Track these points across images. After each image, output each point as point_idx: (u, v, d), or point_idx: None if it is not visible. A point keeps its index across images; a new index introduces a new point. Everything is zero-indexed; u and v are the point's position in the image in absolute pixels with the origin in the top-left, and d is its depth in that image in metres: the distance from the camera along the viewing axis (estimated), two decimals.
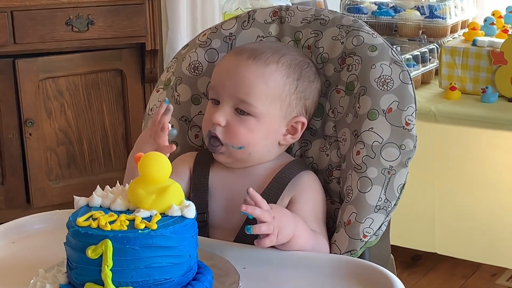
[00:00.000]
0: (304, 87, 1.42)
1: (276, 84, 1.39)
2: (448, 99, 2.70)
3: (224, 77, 1.40)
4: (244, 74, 1.38)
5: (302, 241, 1.31)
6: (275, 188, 1.39)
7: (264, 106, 1.38)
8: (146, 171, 1.14)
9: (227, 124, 1.38)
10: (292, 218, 1.31)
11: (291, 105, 1.41)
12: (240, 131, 1.38)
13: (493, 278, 2.77)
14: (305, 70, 1.42)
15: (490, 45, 2.69)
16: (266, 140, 1.40)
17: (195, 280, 1.15)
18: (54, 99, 2.98)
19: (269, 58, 1.39)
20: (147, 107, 1.57)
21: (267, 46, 1.43)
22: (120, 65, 3.06)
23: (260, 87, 1.38)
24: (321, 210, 1.42)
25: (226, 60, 1.43)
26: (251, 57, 1.39)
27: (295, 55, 1.43)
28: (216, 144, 1.39)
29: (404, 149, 1.39)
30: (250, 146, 1.39)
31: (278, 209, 1.30)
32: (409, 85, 1.41)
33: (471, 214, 2.64)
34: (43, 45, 2.90)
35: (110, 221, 1.11)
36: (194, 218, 1.15)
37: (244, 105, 1.38)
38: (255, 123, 1.38)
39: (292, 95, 1.40)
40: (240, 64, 1.39)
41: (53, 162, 3.03)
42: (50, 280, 1.15)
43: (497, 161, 2.57)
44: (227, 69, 1.40)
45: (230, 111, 1.39)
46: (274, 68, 1.39)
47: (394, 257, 1.57)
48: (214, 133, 1.39)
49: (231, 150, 1.39)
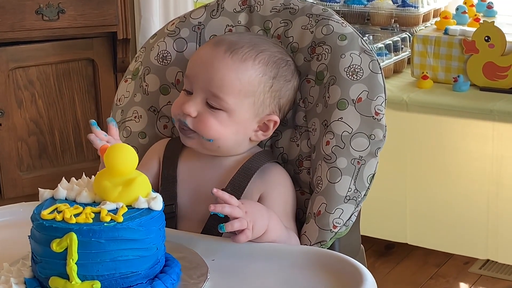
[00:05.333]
0: (279, 86, 1.40)
1: (251, 81, 1.37)
2: (420, 88, 2.71)
3: (199, 68, 1.38)
4: (219, 68, 1.36)
5: (276, 234, 1.30)
6: (241, 178, 1.38)
7: (236, 102, 1.36)
8: (112, 163, 1.13)
9: (198, 115, 1.37)
10: (265, 211, 1.30)
11: (264, 103, 1.39)
12: (210, 124, 1.36)
13: (466, 266, 2.78)
14: (282, 69, 1.40)
15: (462, 34, 2.70)
16: (236, 135, 1.39)
17: (163, 273, 1.14)
18: (24, 89, 2.95)
19: (246, 54, 1.37)
20: (115, 97, 1.56)
21: (247, 40, 1.40)
22: (91, 54, 3.03)
23: (234, 83, 1.36)
24: (291, 206, 1.41)
25: (204, 50, 1.40)
26: (229, 50, 1.36)
27: (275, 52, 1.40)
28: (187, 131, 1.38)
29: (374, 139, 1.38)
30: (220, 140, 1.38)
31: (250, 203, 1.29)
32: (379, 75, 1.41)
33: (443, 204, 2.65)
34: (13, 34, 2.86)
35: (75, 213, 1.09)
36: (161, 210, 1.14)
37: (216, 100, 1.36)
38: (226, 118, 1.37)
39: (267, 93, 1.39)
40: (216, 57, 1.36)
41: (24, 152, 3.00)
42: (14, 274, 1.14)
43: (469, 150, 2.58)
44: (203, 60, 1.38)
45: (202, 103, 1.37)
46: (250, 65, 1.37)
47: (367, 246, 1.57)
48: (183, 123, 1.37)
49: (201, 140, 1.38)
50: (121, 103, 1.53)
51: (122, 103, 1.53)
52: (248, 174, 1.38)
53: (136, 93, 1.52)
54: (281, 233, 1.31)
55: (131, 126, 1.51)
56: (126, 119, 1.52)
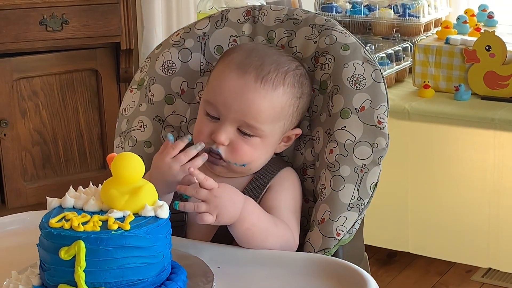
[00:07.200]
0: (304, 103, 1.43)
1: (282, 106, 1.39)
2: (422, 97, 2.72)
3: (230, 99, 1.37)
4: (253, 100, 1.36)
5: (251, 222, 1.30)
6: (254, 188, 1.40)
7: (269, 128, 1.38)
8: (119, 172, 1.14)
9: (230, 143, 1.38)
10: (240, 201, 1.30)
11: (292, 122, 1.42)
12: (245, 150, 1.38)
13: (468, 274, 2.79)
14: (304, 86, 1.42)
15: (463, 43, 2.71)
16: (266, 155, 1.41)
17: (169, 280, 1.15)
18: (28, 99, 2.97)
19: (275, 80, 1.37)
20: (121, 107, 1.57)
21: (270, 61, 1.39)
22: (95, 64, 3.05)
23: (268, 112, 1.37)
24: (295, 202, 1.42)
25: (230, 78, 1.38)
26: (258, 79, 1.36)
27: (295, 69, 1.41)
28: (217, 162, 1.38)
29: (377, 148, 1.39)
30: (252, 163, 1.39)
31: (225, 190, 1.29)
32: (382, 84, 1.42)
33: (445, 213, 2.66)
34: (17, 45, 2.88)
35: (83, 222, 1.10)
36: (167, 218, 1.15)
37: (250, 128, 1.37)
38: (259, 143, 1.38)
39: (294, 113, 1.41)
40: (248, 88, 1.36)
41: (28, 162, 3.01)
42: (23, 281, 1.15)
43: (470, 159, 2.59)
44: (232, 90, 1.37)
45: (233, 131, 1.37)
46: (281, 92, 1.38)
47: (369, 254, 1.57)
48: (216, 152, 1.37)
49: (232, 166, 1.39)
50: (127, 113, 1.55)
51: (128, 112, 1.55)
52: (261, 185, 1.40)
53: (142, 103, 1.53)
54: (260, 224, 1.31)
55: (136, 136, 1.53)
56: (132, 129, 1.53)
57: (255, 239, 1.31)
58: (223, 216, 1.28)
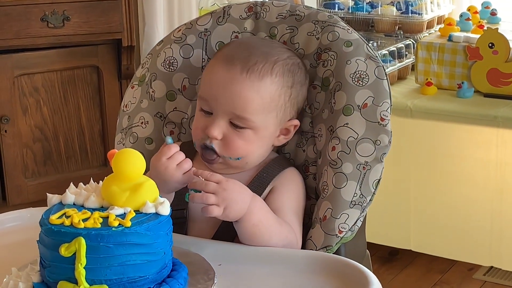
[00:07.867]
0: (297, 92, 1.41)
1: (272, 96, 1.37)
2: (424, 94, 2.72)
3: (217, 91, 1.37)
4: (239, 91, 1.35)
5: (258, 219, 1.29)
6: (256, 186, 1.39)
7: (260, 119, 1.37)
8: (119, 168, 1.14)
9: (223, 137, 1.37)
10: (248, 196, 1.30)
11: (285, 112, 1.40)
12: (238, 144, 1.37)
13: (470, 273, 2.78)
14: (297, 75, 1.41)
15: (465, 40, 2.70)
16: (262, 148, 1.40)
17: (170, 278, 1.15)
18: (29, 96, 2.96)
19: (262, 70, 1.37)
20: (122, 104, 1.56)
21: (258, 52, 1.38)
22: (96, 61, 3.04)
23: (256, 102, 1.36)
24: (298, 204, 1.41)
25: (217, 71, 1.38)
26: (244, 70, 1.36)
27: (286, 58, 1.40)
28: (212, 157, 1.38)
29: (379, 145, 1.39)
30: (247, 156, 1.39)
31: (233, 185, 1.29)
32: (384, 81, 1.41)
33: (447, 211, 2.65)
34: (18, 41, 2.87)
35: (83, 218, 1.10)
36: (168, 215, 1.14)
37: (241, 120, 1.36)
38: (252, 135, 1.38)
39: (287, 103, 1.40)
40: (234, 79, 1.36)
41: (29, 159, 3.01)
42: (23, 278, 1.14)
43: (472, 156, 2.58)
44: (220, 83, 1.37)
45: (226, 124, 1.37)
46: (269, 81, 1.37)
47: (371, 252, 1.57)
48: (210, 146, 1.37)
49: (228, 161, 1.38)
50: (128, 109, 1.54)
51: (129, 109, 1.54)
52: (264, 182, 1.40)
53: (143, 99, 1.53)
54: (266, 222, 1.31)
55: (137, 132, 1.52)
56: (133, 125, 1.53)
57: (260, 237, 1.30)
58: (231, 210, 1.27)
